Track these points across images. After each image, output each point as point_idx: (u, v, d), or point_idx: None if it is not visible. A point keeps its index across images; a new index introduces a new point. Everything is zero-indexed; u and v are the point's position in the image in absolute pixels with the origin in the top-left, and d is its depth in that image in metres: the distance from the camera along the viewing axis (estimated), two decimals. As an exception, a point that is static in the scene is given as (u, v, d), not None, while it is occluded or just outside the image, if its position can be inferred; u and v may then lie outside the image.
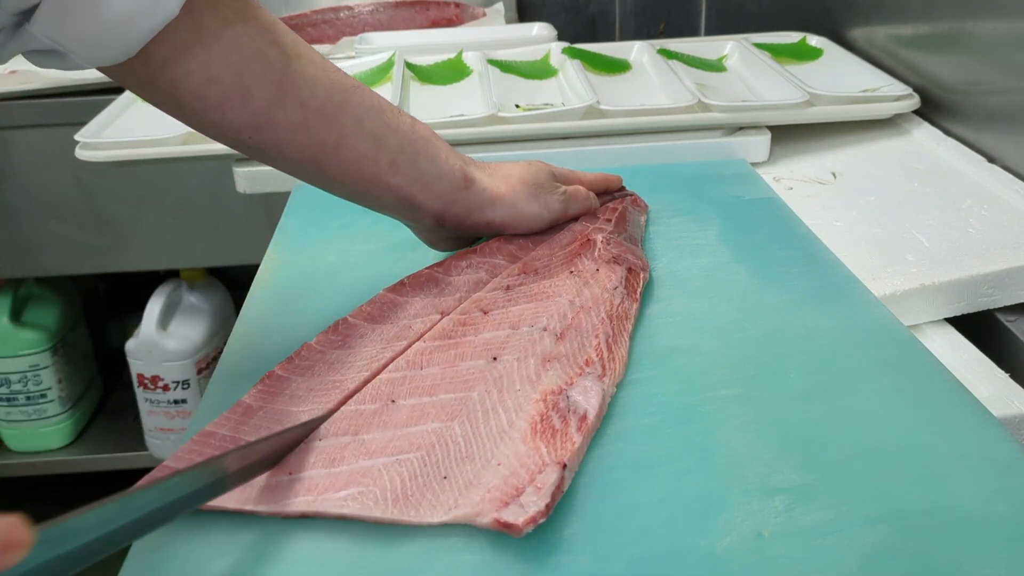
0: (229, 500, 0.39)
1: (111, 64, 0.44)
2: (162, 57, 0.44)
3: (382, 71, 0.92)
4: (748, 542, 0.37)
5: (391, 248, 0.64)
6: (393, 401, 0.45)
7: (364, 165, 0.50)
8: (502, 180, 0.57)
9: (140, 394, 1.29)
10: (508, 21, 1.27)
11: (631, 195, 0.67)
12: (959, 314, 0.62)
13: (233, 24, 0.45)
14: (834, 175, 0.77)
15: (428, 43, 1.04)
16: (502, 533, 0.37)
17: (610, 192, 0.66)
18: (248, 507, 0.39)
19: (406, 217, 0.56)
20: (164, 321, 1.27)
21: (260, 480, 0.40)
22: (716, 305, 0.56)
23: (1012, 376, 0.57)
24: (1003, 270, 0.61)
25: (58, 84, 1.06)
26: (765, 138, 0.79)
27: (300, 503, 0.38)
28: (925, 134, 0.82)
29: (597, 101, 0.78)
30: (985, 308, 0.62)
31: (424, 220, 0.55)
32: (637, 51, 0.96)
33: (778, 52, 0.95)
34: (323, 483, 0.39)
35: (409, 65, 0.94)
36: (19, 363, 1.29)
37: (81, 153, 0.76)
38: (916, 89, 0.83)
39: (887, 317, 0.54)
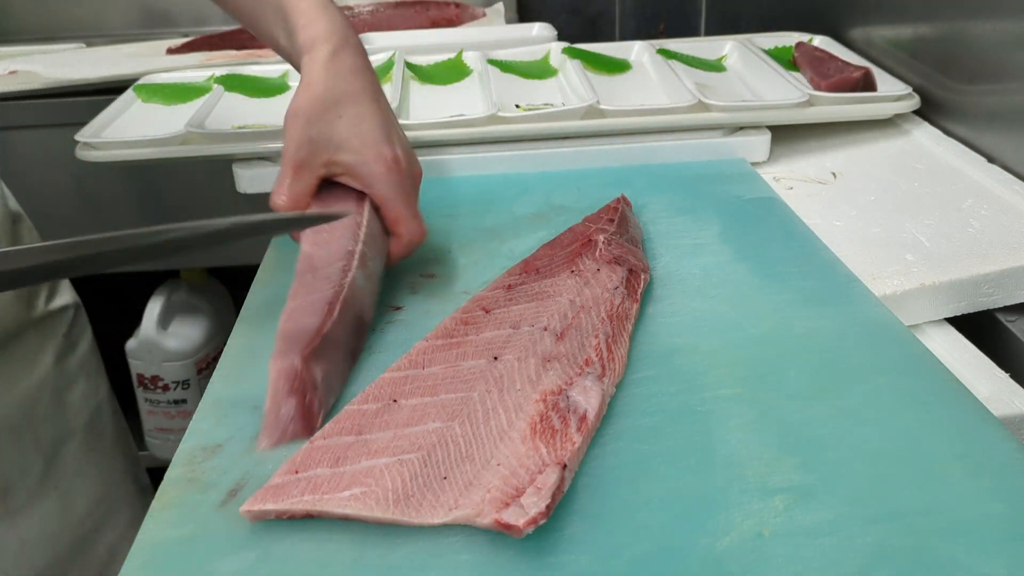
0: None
1: None
2: None
3: (382, 71, 0.92)
4: (748, 542, 0.37)
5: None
6: (395, 401, 0.45)
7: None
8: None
9: (140, 394, 1.29)
10: (508, 21, 1.27)
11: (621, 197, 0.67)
12: (959, 314, 0.62)
13: None
14: (834, 175, 0.77)
15: (428, 43, 1.04)
16: (502, 533, 0.37)
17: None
18: (256, 507, 0.39)
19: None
20: (164, 321, 1.27)
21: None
22: (716, 305, 0.56)
23: (1012, 376, 0.57)
24: (1003, 270, 0.61)
25: (58, 84, 1.05)
26: (765, 138, 0.79)
27: (305, 502, 0.39)
28: (925, 134, 0.82)
29: (597, 101, 0.78)
30: (985, 308, 0.62)
31: None
32: (637, 51, 0.96)
33: (778, 52, 0.95)
34: (328, 482, 0.39)
35: (409, 65, 0.94)
36: (19, 363, 1.29)
37: (81, 153, 0.76)
38: (916, 89, 0.83)
39: (887, 317, 0.54)
